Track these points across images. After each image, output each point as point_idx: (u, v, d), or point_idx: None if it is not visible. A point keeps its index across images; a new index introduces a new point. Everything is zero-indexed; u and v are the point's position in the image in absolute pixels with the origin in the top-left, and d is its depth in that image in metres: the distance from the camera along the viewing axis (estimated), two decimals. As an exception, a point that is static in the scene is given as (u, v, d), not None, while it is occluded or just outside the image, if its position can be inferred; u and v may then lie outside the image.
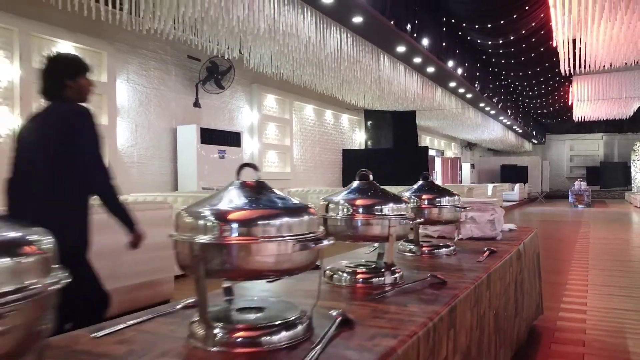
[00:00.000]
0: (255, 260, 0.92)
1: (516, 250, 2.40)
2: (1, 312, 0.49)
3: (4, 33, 4.92)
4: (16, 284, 0.51)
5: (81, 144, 2.03)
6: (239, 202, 0.96)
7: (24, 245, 0.53)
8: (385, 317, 1.17)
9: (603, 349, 2.75)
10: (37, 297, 0.52)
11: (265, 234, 0.92)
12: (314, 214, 1.01)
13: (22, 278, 0.52)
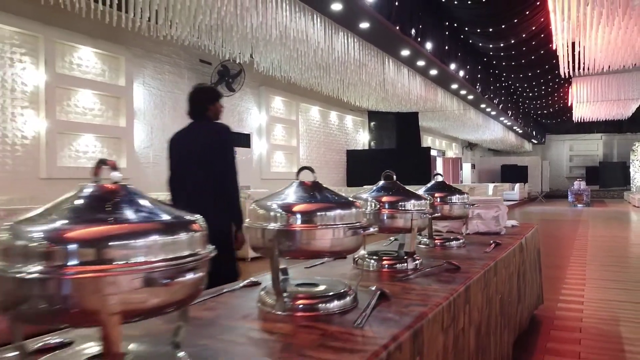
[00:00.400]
0: (315, 244, 1.17)
1: (519, 244, 2.65)
2: (182, 270, 0.74)
3: (30, 40, 5.17)
4: (190, 250, 0.76)
5: (222, 152, 2.71)
6: (301, 198, 1.21)
7: (193, 224, 0.78)
8: (413, 292, 1.42)
9: (598, 335, 3.00)
10: (202, 261, 0.77)
11: (322, 222, 1.17)
12: (359, 207, 1.26)
13: (193, 247, 0.77)
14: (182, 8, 4.78)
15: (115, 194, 0.72)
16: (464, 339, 1.53)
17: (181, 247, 0.72)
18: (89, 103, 5.80)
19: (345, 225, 1.20)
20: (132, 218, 0.69)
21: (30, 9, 4.97)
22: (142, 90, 6.47)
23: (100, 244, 0.63)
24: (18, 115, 5.06)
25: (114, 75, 6.08)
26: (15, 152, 5.04)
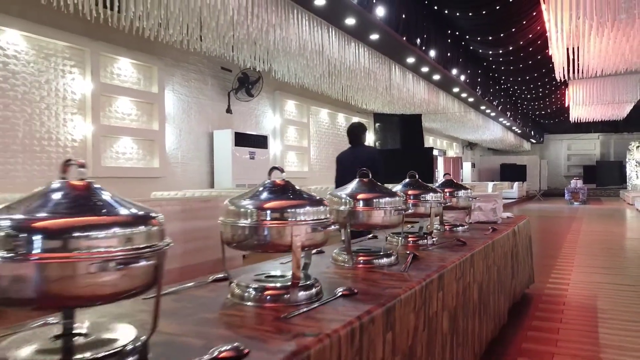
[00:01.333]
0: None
1: (512, 230, 3.27)
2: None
3: (78, 53, 5.78)
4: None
5: (376, 165, 4.10)
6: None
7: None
8: (434, 256, 2.03)
9: (578, 306, 3.62)
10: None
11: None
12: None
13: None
14: (216, 25, 5.37)
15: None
16: (469, 292, 2.15)
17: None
18: (127, 109, 6.41)
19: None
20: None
21: (79, 25, 5.56)
22: (172, 97, 7.07)
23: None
24: (68, 121, 5.67)
25: (148, 83, 6.69)
26: (66, 153, 5.65)
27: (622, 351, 2.66)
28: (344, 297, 1.32)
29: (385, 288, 1.45)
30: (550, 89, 15.86)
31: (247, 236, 1.28)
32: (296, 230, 1.26)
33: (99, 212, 0.79)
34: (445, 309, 1.78)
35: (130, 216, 0.81)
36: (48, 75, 5.47)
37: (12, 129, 5.11)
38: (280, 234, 1.26)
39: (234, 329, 1.08)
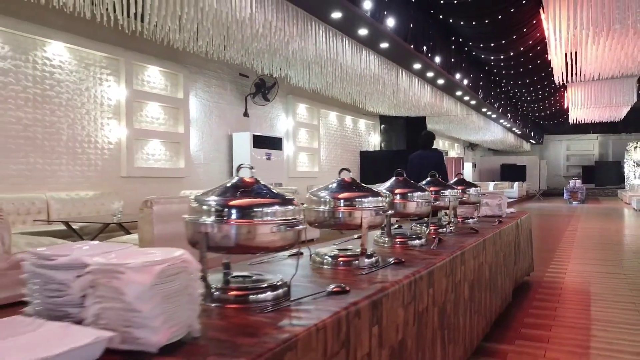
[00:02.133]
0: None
1: (515, 222, 3.75)
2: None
3: (113, 63, 6.26)
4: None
5: (441, 166, 5.41)
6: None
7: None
8: (452, 241, 2.51)
9: (573, 290, 4.10)
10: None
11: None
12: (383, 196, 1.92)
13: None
14: (242, 37, 5.85)
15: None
16: (482, 270, 2.63)
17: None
18: (156, 113, 6.89)
19: (422, 200, 2.29)
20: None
21: (114, 37, 6.04)
22: (195, 101, 7.55)
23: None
24: (105, 125, 6.15)
25: (174, 89, 7.17)
26: (103, 155, 6.13)
27: (611, 324, 3.14)
28: (395, 264, 1.80)
29: (423, 259, 1.93)
30: (549, 92, 16.34)
31: (327, 218, 1.77)
32: (364, 213, 1.74)
33: (265, 196, 1.27)
34: (465, 280, 2.27)
35: (283, 199, 1.29)
36: (88, 83, 5.94)
37: (57, 132, 5.59)
38: (352, 217, 1.75)
39: (328, 279, 1.56)
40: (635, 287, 4.20)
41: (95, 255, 0.94)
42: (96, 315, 0.89)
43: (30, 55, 5.34)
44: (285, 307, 1.19)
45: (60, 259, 0.95)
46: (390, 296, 1.44)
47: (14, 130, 5.16)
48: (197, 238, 1.23)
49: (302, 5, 6.05)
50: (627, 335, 2.92)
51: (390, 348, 1.42)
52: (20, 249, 3.53)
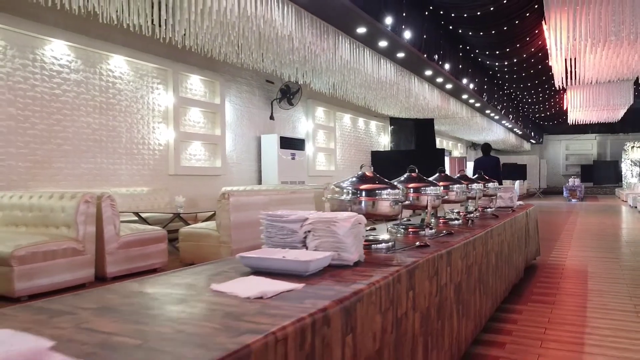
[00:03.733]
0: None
1: (525, 212, 4.51)
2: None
3: (162, 73, 7.00)
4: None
5: (497, 168, 7.95)
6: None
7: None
8: (482, 223, 3.26)
9: (573, 270, 4.86)
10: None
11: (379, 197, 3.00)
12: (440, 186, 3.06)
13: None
14: (280, 51, 6.60)
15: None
16: (503, 246, 3.38)
17: (397, 193, 2.10)
18: (197, 118, 7.64)
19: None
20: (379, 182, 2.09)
21: (164, 50, 6.79)
22: (229, 106, 8.30)
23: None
24: (156, 129, 6.90)
25: (212, 95, 7.92)
26: (154, 155, 6.87)
27: (603, 293, 3.90)
28: (448, 235, 2.55)
29: (466, 232, 2.68)
30: (549, 94, 17.10)
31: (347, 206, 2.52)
32: (429, 199, 2.50)
33: (381, 182, 2.03)
34: (493, 251, 3.02)
35: (392, 185, 2.05)
36: (142, 92, 6.69)
37: (118, 136, 6.33)
38: (420, 200, 2.50)
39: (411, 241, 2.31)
40: (626, 267, 4.96)
41: (310, 215, 1.69)
42: (316, 246, 1.64)
43: (97, 68, 6.09)
44: (393, 251, 1.94)
45: (291, 216, 1.70)
46: (454, 251, 2.20)
47: (84, 134, 5.90)
48: (341, 210, 1.99)
49: (333, 23, 6.80)
50: (617, 299, 3.68)
51: (455, 284, 2.18)
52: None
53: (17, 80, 5.23)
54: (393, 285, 1.49)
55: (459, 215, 3.58)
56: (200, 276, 1.49)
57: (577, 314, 3.30)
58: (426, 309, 1.79)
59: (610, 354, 2.54)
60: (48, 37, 5.50)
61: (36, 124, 5.40)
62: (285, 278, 1.38)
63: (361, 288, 1.30)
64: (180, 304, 1.15)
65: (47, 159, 5.50)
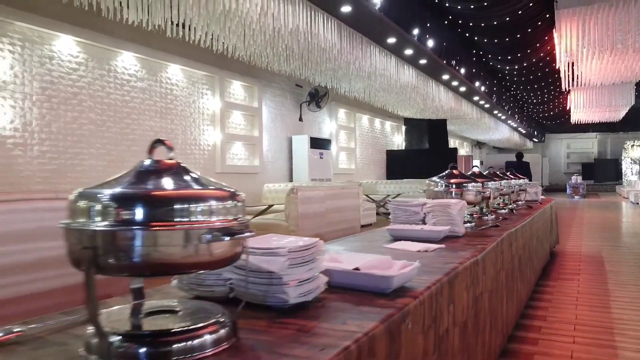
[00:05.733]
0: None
1: (549, 204, 5.20)
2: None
3: (210, 79, 7.66)
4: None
5: (528, 170, 10.28)
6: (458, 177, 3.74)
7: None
8: (521, 213, 3.94)
9: (589, 256, 5.55)
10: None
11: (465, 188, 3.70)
12: (480, 182, 3.77)
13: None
14: (320, 59, 7.25)
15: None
16: (539, 233, 4.06)
17: (476, 187, 3.14)
18: (238, 120, 8.30)
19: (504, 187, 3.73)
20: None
21: (211, 58, 7.43)
22: (265, 110, 8.96)
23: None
24: (205, 131, 7.56)
25: (251, 99, 8.58)
26: (203, 155, 7.54)
27: (619, 273, 4.59)
28: (504, 219, 3.22)
29: (516, 219, 3.36)
30: (554, 95, 17.80)
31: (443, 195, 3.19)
32: (492, 191, 3.17)
33: (465, 177, 2.71)
34: (533, 235, 3.70)
35: (473, 179, 2.73)
36: (194, 97, 7.35)
37: (175, 137, 6.99)
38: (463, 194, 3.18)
39: (481, 225, 2.98)
40: (636, 254, 5.66)
41: (427, 201, 2.37)
42: (434, 222, 2.32)
43: (158, 76, 6.74)
44: (475, 229, 2.61)
45: (413, 202, 2.38)
46: (517, 230, 2.87)
47: (148, 136, 6.56)
48: (431, 197, 2.67)
49: (367, 34, 7.46)
50: (631, 277, 4.37)
51: (519, 255, 2.86)
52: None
53: (96, 89, 5.88)
54: (499, 246, 2.18)
55: (500, 206, 4.26)
56: (363, 242, 2.16)
57: (600, 288, 3.99)
58: (510, 261, 2.48)
59: (632, 314, 3.22)
60: (120, 50, 6.15)
61: (111, 128, 6.06)
62: (422, 242, 2.06)
63: (485, 247, 1.98)
64: (372, 253, 1.83)
65: (120, 158, 6.16)
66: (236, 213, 0.87)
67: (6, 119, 4.95)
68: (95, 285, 0.76)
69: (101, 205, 0.78)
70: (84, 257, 0.75)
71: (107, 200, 0.78)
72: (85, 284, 0.75)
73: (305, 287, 1.07)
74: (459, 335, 1.54)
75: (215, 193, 0.85)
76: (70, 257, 0.80)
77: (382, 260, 1.31)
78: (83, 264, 0.76)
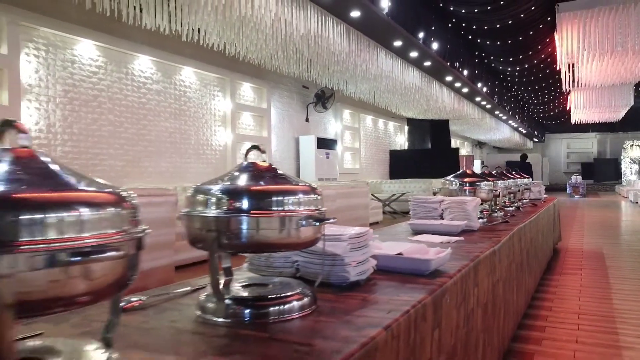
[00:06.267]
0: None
1: (552, 203, 5.41)
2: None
3: (221, 81, 7.87)
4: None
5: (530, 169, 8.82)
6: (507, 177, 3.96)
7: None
8: (527, 210, 4.15)
9: (591, 252, 5.77)
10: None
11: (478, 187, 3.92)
12: (490, 180, 3.99)
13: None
14: (328, 62, 7.46)
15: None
16: (543, 229, 4.27)
17: (488, 185, 3.37)
18: (248, 121, 8.51)
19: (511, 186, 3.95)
20: (474, 177, 3.15)
21: (223, 61, 7.64)
22: (273, 111, 9.17)
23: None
24: (217, 131, 7.77)
25: (260, 101, 8.79)
26: (215, 154, 7.74)
27: (620, 268, 4.80)
28: (513, 216, 3.43)
29: (523, 215, 3.57)
30: (554, 96, 18.02)
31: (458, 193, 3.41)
32: (502, 190, 3.39)
33: (477, 177, 2.93)
34: (539, 231, 3.91)
35: (485, 178, 2.94)
36: (206, 99, 7.56)
37: (188, 138, 7.20)
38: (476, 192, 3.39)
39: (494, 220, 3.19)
40: (636, 251, 5.87)
41: (444, 199, 2.58)
42: (451, 218, 2.53)
43: (172, 79, 6.95)
44: (487, 225, 2.83)
45: (431, 199, 2.59)
46: (526, 226, 3.08)
47: (163, 137, 6.77)
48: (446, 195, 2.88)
49: (374, 37, 7.68)
50: (632, 272, 4.58)
51: (527, 249, 3.07)
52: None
53: (114, 91, 6.09)
54: (511, 239, 2.39)
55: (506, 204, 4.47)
56: (387, 236, 2.37)
57: (602, 281, 4.20)
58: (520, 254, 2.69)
59: (632, 304, 3.44)
60: (136, 53, 6.36)
61: (128, 129, 6.27)
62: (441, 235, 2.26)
63: (500, 239, 2.19)
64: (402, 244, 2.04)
65: (137, 158, 6.37)
66: (318, 204, 1.07)
67: (32, 120, 5.16)
68: (217, 260, 0.97)
69: (215, 197, 0.99)
70: (209, 238, 0.97)
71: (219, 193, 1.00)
72: (209, 259, 0.97)
73: (360, 268, 1.28)
74: (481, 315, 1.75)
75: (304, 188, 1.06)
76: (191, 239, 1.02)
77: (419, 247, 1.53)
78: (207, 243, 0.97)
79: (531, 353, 2.51)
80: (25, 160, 0.63)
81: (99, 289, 0.61)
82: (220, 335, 0.92)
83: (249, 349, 0.85)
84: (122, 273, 0.64)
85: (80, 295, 0.59)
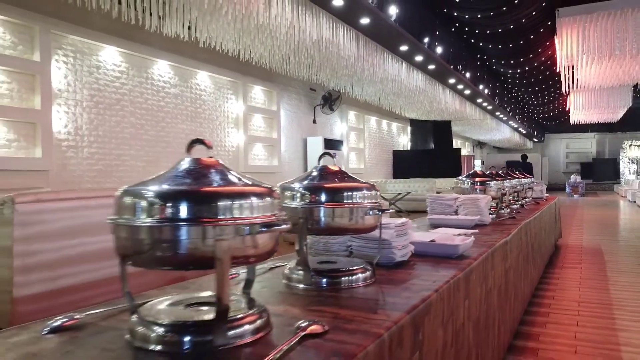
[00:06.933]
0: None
1: (553, 202, 5.70)
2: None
3: (234, 85, 8.16)
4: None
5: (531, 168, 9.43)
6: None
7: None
8: (530, 208, 4.45)
9: (590, 248, 6.06)
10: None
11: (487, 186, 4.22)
12: (499, 180, 4.29)
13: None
14: (337, 66, 7.75)
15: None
16: (545, 227, 4.57)
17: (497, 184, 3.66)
18: (259, 123, 8.80)
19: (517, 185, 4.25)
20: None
21: (236, 65, 7.92)
22: (283, 112, 9.46)
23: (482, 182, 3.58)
24: (230, 133, 8.06)
25: (270, 103, 9.08)
26: (229, 156, 8.03)
27: (617, 262, 5.10)
28: (519, 212, 3.73)
29: (528, 212, 3.86)
30: (553, 97, 18.31)
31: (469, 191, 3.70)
32: (507, 189, 3.68)
33: (487, 176, 3.23)
34: (542, 227, 4.21)
35: (493, 178, 3.24)
36: (219, 102, 7.85)
37: (203, 139, 7.48)
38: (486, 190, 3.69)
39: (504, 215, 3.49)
40: (633, 247, 6.17)
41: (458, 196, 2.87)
42: (465, 213, 2.82)
43: (189, 83, 7.24)
44: (496, 220, 3.12)
45: (447, 196, 2.88)
46: (531, 221, 3.38)
47: (180, 138, 7.06)
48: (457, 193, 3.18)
49: (381, 42, 7.97)
50: (628, 266, 4.88)
51: (532, 243, 3.37)
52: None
53: (135, 95, 6.38)
54: (520, 231, 2.69)
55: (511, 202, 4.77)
56: (411, 228, 2.66)
57: (600, 273, 4.50)
58: (526, 246, 2.98)
59: (629, 294, 3.73)
60: (155, 59, 6.64)
61: (148, 131, 6.56)
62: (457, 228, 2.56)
63: (510, 232, 2.49)
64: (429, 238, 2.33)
65: (156, 159, 6.65)
66: (377, 198, 1.37)
67: (61, 123, 5.45)
68: (304, 242, 1.27)
69: (299, 193, 1.29)
70: (299, 224, 1.26)
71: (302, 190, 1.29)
72: (299, 241, 1.27)
73: (403, 251, 1.58)
74: (497, 295, 2.05)
75: (367, 185, 1.35)
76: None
77: (446, 235, 1.82)
78: (297, 228, 1.27)
79: (536, 334, 2.80)
80: (211, 166, 0.92)
81: (260, 253, 0.88)
82: (306, 296, 1.21)
83: (328, 302, 1.14)
84: (273, 244, 0.92)
85: (251, 257, 0.88)
